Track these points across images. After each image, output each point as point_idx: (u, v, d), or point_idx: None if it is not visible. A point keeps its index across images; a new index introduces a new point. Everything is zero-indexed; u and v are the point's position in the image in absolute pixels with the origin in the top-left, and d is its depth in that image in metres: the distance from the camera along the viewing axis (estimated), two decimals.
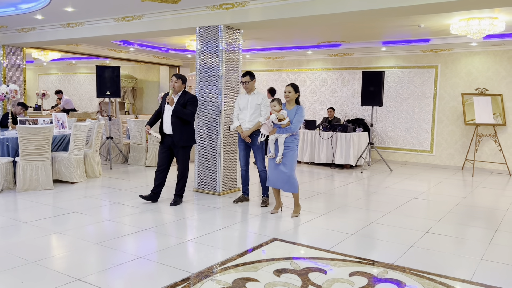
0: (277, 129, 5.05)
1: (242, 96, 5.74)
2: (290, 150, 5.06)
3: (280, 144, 5.04)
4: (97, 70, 8.50)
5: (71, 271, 3.38)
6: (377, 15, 5.55)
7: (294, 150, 5.10)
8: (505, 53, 9.11)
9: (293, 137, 5.07)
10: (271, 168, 5.20)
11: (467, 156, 9.37)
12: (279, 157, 5.04)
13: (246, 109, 5.62)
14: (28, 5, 7.08)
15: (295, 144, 5.11)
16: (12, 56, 9.50)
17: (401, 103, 10.30)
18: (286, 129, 5.00)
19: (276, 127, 5.05)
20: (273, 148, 5.13)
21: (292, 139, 5.07)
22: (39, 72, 16.83)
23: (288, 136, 5.04)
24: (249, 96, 5.66)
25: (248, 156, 5.82)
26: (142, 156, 8.98)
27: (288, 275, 3.39)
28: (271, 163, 5.18)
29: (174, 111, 5.43)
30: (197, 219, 5.09)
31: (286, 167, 5.06)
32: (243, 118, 5.65)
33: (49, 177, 6.37)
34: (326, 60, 11.29)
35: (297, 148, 5.16)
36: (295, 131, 5.05)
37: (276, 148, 5.11)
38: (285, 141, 5.04)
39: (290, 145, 5.06)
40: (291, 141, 5.07)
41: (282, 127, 4.99)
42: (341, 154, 9.25)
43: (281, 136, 5.04)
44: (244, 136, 5.59)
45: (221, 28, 6.21)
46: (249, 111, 5.59)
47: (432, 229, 4.86)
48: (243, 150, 5.78)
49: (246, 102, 5.64)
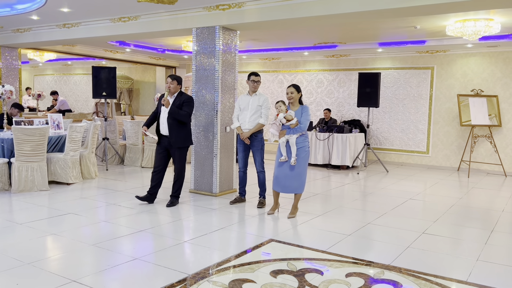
0: (287, 131, 5.05)
1: (244, 97, 5.68)
2: (303, 151, 5.07)
3: (292, 145, 5.04)
4: (93, 71, 8.48)
5: (66, 273, 3.36)
6: (372, 16, 5.56)
7: (306, 150, 5.11)
8: (500, 55, 9.15)
9: (303, 136, 5.08)
10: (281, 171, 5.14)
11: (463, 157, 9.40)
12: (293, 158, 5.02)
13: (247, 110, 5.56)
14: (23, 6, 7.05)
15: (306, 144, 5.12)
16: (7, 56, 9.46)
17: (397, 104, 10.32)
18: (295, 129, 5.01)
19: (284, 128, 5.06)
20: (284, 151, 5.10)
21: (302, 139, 5.08)
22: (35, 73, 16.76)
23: (298, 136, 5.04)
24: (250, 97, 5.60)
25: (247, 158, 5.77)
26: (138, 157, 8.96)
27: (284, 276, 3.39)
28: (284, 166, 5.12)
29: (169, 112, 5.42)
30: (194, 220, 5.08)
31: (300, 167, 5.07)
32: (243, 119, 5.59)
33: (44, 178, 6.34)
34: (323, 61, 11.31)
35: (308, 148, 5.16)
36: (304, 130, 5.07)
37: (288, 151, 5.09)
38: (296, 141, 5.04)
39: (301, 145, 5.07)
40: (302, 141, 5.07)
41: (291, 127, 4.99)
42: (338, 155, 9.26)
43: (291, 137, 5.04)
44: (244, 138, 5.56)
45: (218, 29, 6.21)
46: (250, 112, 5.53)
47: (428, 229, 4.87)
48: (242, 152, 5.73)
49: (247, 103, 5.59)
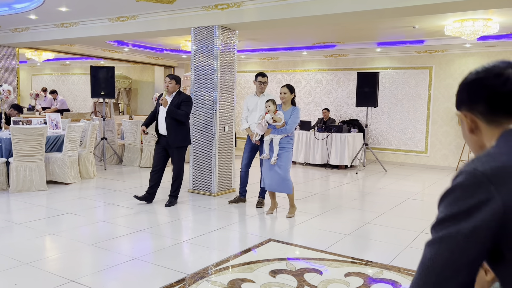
0: (272, 130, 5.04)
1: (251, 98, 5.64)
2: (285, 151, 5.05)
3: (275, 145, 5.03)
4: (91, 71, 8.46)
5: (65, 273, 3.35)
6: (371, 16, 5.56)
7: (289, 151, 5.09)
8: (499, 55, 9.16)
9: (288, 138, 5.06)
10: (265, 170, 5.16)
11: (461, 156, 9.42)
12: (274, 158, 5.01)
13: (255, 111, 5.51)
14: (21, 5, 7.03)
15: (290, 145, 5.09)
16: (5, 56, 9.43)
17: (396, 104, 10.33)
18: (281, 130, 4.98)
19: (271, 127, 5.04)
20: (267, 149, 5.11)
21: (287, 140, 5.06)
22: (33, 72, 16.72)
23: (283, 137, 5.03)
24: (258, 98, 5.56)
25: (252, 158, 5.70)
26: (137, 157, 8.94)
27: (283, 275, 3.39)
28: (266, 165, 5.15)
29: (167, 112, 5.41)
30: (192, 220, 5.08)
31: (281, 168, 5.04)
32: (252, 120, 5.51)
33: (42, 178, 6.33)
34: (321, 61, 11.30)
35: (292, 149, 5.14)
36: (290, 132, 5.03)
37: (271, 149, 5.09)
38: (280, 142, 5.02)
39: (285, 146, 5.05)
40: (286, 142, 5.05)
41: (277, 128, 4.98)
42: (336, 154, 9.26)
43: (276, 137, 5.02)
44: (255, 140, 5.29)
45: (216, 28, 6.20)
46: (258, 113, 5.45)
47: (427, 229, 4.87)
48: (248, 152, 5.66)
49: (256, 104, 5.54)
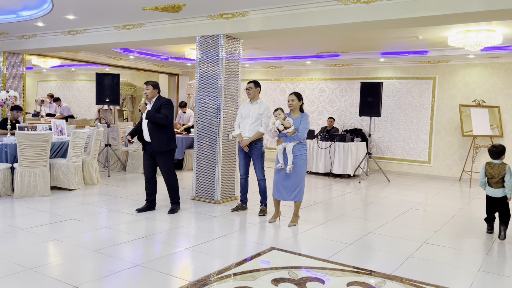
0: (284, 138, 5.04)
1: (245, 105, 5.72)
2: (300, 159, 5.05)
3: (288, 153, 5.01)
4: (96, 78, 8.52)
5: (68, 278, 3.37)
6: (375, 27, 5.60)
7: (303, 158, 5.09)
8: (502, 66, 9.18)
9: (300, 144, 5.06)
10: (278, 179, 5.14)
11: (465, 167, 9.40)
12: (289, 166, 4.99)
13: (248, 118, 5.60)
14: (29, 12, 7.12)
15: (303, 152, 5.09)
16: (12, 62, 9.53)
17: (399, 114, 10.35)
18: (293, 137, 4.99)
19: (282, 136, 5.05)
20: (281, 158, 5.09)
21: (300, 147, 5.05)
22: (39, 78, 16.86)
23: (295, 144, 5.04)
24: (251, 105, 5.64)
25: (248, 165, 5.79)
26: (140, 163, 8.95)
27: (286, 284, 3.39)
28: (280, 174, 5.13)
29: (146, 116, 5.43)
30: (195, 227, 5.08)
31: (296, 176, 5.04)
32: (244, 127, 5.62)
33: (47, 183, 6.36)
34: (325, 70, 11.35)
35: (306, 156, 5.13)
36: (301, 138, 5.03)
37: (285, 158, 5.07)
38: (293, 149, 5.03)
39: (298, 153, 5.04)
40: (299, 149, 5.04)
41: (288, 135, 4.99)
42: (339, 163, 9.27)
43: (288, 144, 5.02)
44: (243, 145, 5.58)
45: (221, 37, 6.26)
46: (250, 120, 5.57)
47: (430, 239, 4.86)
48: (243, 159, 5.76)
49: (248, 111, 5.63)
